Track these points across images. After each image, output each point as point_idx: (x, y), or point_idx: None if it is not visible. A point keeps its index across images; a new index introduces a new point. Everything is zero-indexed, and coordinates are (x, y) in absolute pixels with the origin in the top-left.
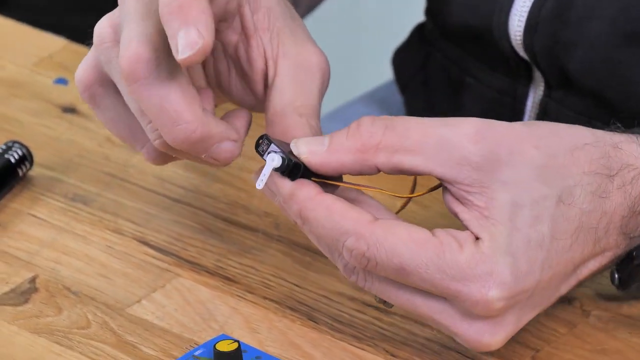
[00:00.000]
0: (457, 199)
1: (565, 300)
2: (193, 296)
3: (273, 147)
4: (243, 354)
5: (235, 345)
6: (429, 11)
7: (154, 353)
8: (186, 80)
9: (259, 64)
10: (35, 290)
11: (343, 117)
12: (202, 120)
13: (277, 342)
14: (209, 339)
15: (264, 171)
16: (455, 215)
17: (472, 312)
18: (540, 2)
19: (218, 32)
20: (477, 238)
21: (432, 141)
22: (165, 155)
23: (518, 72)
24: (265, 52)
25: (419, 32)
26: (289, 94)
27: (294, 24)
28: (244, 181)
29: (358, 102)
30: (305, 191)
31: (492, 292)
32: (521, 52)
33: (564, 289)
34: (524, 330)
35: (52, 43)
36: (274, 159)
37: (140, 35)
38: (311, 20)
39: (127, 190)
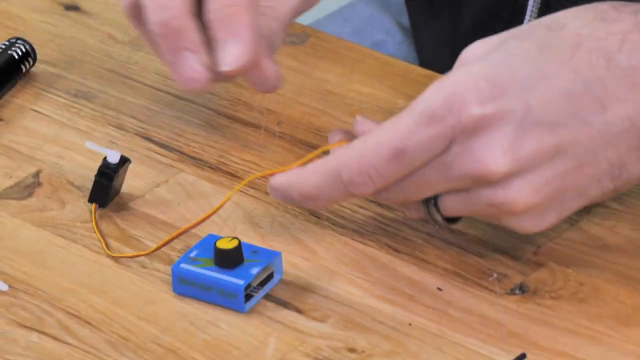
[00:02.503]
0: None
1: None
2: (196, 191)
3: None
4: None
5: (236, 242)
6: None
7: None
8: None
9: None
10: (39, 184)
11: (345, 17)
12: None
13: (279, 237)
14: (212, 233)
15: None
16: None
17: (464, 134)
18: None
19: None
20: None
21: None
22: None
23: None
24: None
25: None
26: None
27: None
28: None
29: (360, 1)
30: (287, 178)
31: (468, 95)
32: None
33: (587, 116)
34: None
35: None
36: None
37: None
38: None
39: (130, 87)
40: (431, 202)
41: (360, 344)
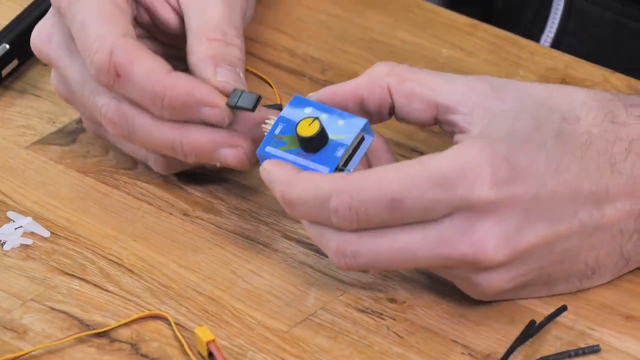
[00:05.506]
0: (460, 131)
1: None
2: None
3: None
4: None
5: (317, 125)
6: None
7: (200, 195)
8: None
9: (170, 15)
10: (83, 130)
11: None
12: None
13: None
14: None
15: None
16: (456, 143)
17: (469, 210)
18: None
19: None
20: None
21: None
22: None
23: None
24: (169, 1)
25: None
26: (194, 20)
27: None
28: (291, 25)
29: None
30: (282, 172)
31: (486, 173)
32: None
33: (584, 217)
34: None
35: None
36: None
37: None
38: None
39: None
40: None
41: (401, 295)
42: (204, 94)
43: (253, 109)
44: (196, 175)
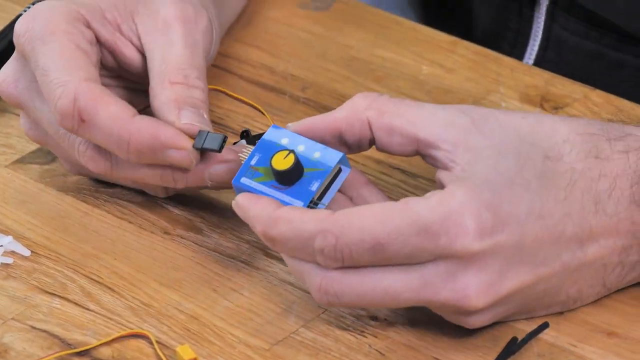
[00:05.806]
0: (443, 167)
1: None
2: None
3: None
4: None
5: (292, 159)
6: None
7: (180, 213)
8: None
9: (133, 55)
10: None
11: None
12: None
13: None
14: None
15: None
16: (439, 181)
17: (452, 258)
18: None
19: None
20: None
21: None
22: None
23: None
24: (132, 40)
25: None
26: (155, 64)
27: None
28: (271, 43)
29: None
30: (261, 208)
31: (469, 223)
32: None
33: (566, 257)
34: None
35: None
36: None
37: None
38: None
39: None
40: None
41: (382, 312)
42: (169, 137)
43: (219, 150)
44: (177, 193)
